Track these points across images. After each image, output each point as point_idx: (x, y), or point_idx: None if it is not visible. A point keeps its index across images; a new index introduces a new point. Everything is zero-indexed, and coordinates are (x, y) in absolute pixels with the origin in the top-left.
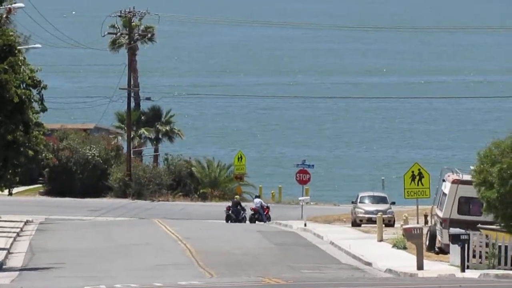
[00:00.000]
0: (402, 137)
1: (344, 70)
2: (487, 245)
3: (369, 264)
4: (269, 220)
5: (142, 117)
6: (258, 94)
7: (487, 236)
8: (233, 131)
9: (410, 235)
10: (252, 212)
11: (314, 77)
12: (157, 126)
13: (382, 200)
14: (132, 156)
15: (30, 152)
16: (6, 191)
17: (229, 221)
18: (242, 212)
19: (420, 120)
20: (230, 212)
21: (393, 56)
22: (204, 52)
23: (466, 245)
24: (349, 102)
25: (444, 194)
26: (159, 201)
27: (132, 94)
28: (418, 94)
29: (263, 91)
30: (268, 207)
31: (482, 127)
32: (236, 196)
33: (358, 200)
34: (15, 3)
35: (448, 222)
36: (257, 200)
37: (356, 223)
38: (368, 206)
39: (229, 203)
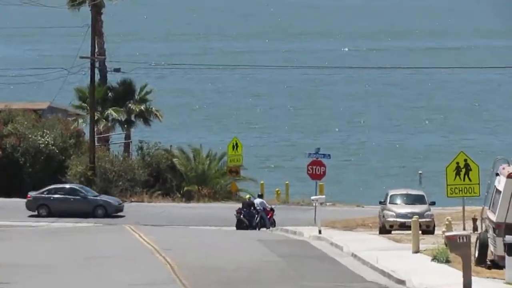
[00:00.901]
0: (439, 118)
1: (364, 32)
2: None
3: (402, 282)
4: (274, 226)
5: (110, 94)
6: (257, 63)
7: None
8: (226, 112)
9: (455, 244)
10: None
11: (326, 41)
12: (129, 105)
13: (418, 199)
14: (96, 144)
15: None
16: None
17: (241, 228)
18: (256, 216)
19: (462, 96)
20: (241, 216)
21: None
22: (186, 10)
23: None
24: (370, 73)
25: (498, 192)
26: (132, 202)
27: (97, 65)
28: (455, 63)
29: (262, 59)
30: (272, 209)
31: None
32: (248, 196)
33: (388, 200)
34: None
35: (504, 228)
36: (258, 200)
37: (385, 230)
38: (400, 208)
39: (239, 205)
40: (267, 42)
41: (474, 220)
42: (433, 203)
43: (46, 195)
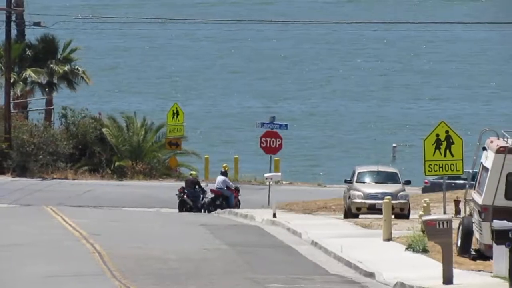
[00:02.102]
0: (416, 83)
1: None
2: None
3: (371, 275)
4: (238, 207)
5: (28, 52)
6: (204, 17)
7: None
8: (166, 74)
9: (433, 231)
10: (212, 196)
11: None
12: (51, 65)
13: (391, 177)
14: (12, 111)
15: None
16: None
17: (184, 210)
18: (201, 195)
19: (442, 57)
20: (185, 196)
21: None
22: None
23: None
24: (346, 29)
25: (485, 169)
26: (54, 178)
27: (14, 18)
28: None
29: (210, 12)
30: (237, 189)
31: None
32: (191, 172)
33: (355, 179)
34: None
35: (491, 212)
36: (221, 178)
37: (351, 213)
38: (369, 188)
39: (181, 183)
40: None
41: (457, 202)
42: (408, 182)
43: None
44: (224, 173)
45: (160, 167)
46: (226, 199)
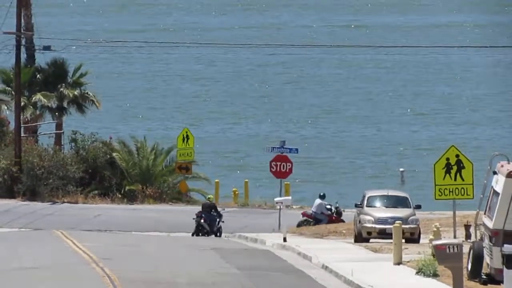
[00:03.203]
0: (425, 107)
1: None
2: None
3: None
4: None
5: (39, 76)
6: (215, 40)
7: None
8: (176, 98)
9: (444, 255)
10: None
11: (302, 15)
12: (61, 89)
13: (401, 202)
14: (22, 135)
15: None
16: None
17: (200, 234)
18: (217, 219)
19: (451, 79)
20: (202, 220)
21: None
22: None
23: None
24: (349, 52)
25: (496, 194)
26: (64, 202)
27: (23, 42)
28: (444, 40)
29: (220, 36)
30: (339, 213)
31: None
32: (209, 197)
33: (365, 203)
34: None
35: (502, 236)
36: (318, 201)
37: (361, 237)
38: (380, 212)
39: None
40: (225, 16)
41: (467, 226)
42: (418, 207)
43: None
44: (322, 197)
45: (170, 191)
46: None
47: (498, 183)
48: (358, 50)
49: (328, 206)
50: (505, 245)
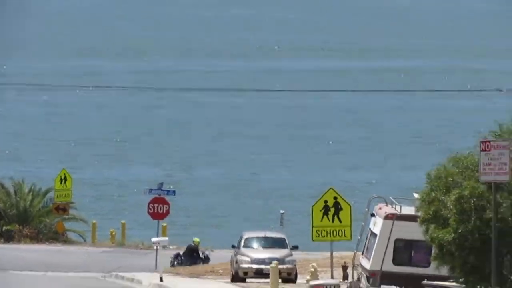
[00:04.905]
0: (307, 150)
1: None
2: None
3: None
4: None
5: None
6: (104, 83)
7: None
8: (61, 138)
9: None
10: None
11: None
12: None
13: (278, 243)
14: None
15: None
16: None
17: None
18: (201, 262)
19: (329, 122)
20: (176, 263)
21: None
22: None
23: None
24: (231, 95)
25: (374, 235)
26: None
27: None
28: (326, 85)
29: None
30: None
31: (432, 136)
32: (194, 240)
33: (242, 244)
34: None
35: (379, 277)
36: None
37: (238, 277)
38: (257, 252)
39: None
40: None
41: (344, 267)
42: (295, 247)
43: None
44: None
45: (47, 231)
46: None
47: (376, 225)
48: (241, 94)
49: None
50: (382, 286)
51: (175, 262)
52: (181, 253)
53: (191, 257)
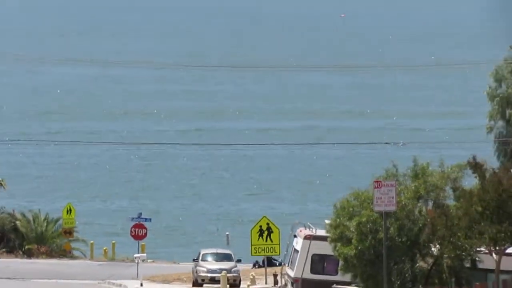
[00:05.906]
0: (248, 187)
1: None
2: None
3: None
4: None
5: None
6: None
7: None
8: (63, 181)
9: None
10: None
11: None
12: None
13: (226, 257)
14: None
15: None
16: None
17: None
18: None
19: (260, 168)
20: None
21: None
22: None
23: None
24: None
25: (296, 251)
26: None
27: None
28: (253, 139)
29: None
30: None
31: (338, 176)
32: None
33: (200, 258)
34: None
35: (300, 283)
36: None
37: (197, 283)
38: (211, 264)
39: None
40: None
41: (275, 275)
42: (239, 261)
43: None
44: None
45: (58, 249)
46: None
47: (298, 243)
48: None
49: None
50: None
51: None
52: None
53: None
